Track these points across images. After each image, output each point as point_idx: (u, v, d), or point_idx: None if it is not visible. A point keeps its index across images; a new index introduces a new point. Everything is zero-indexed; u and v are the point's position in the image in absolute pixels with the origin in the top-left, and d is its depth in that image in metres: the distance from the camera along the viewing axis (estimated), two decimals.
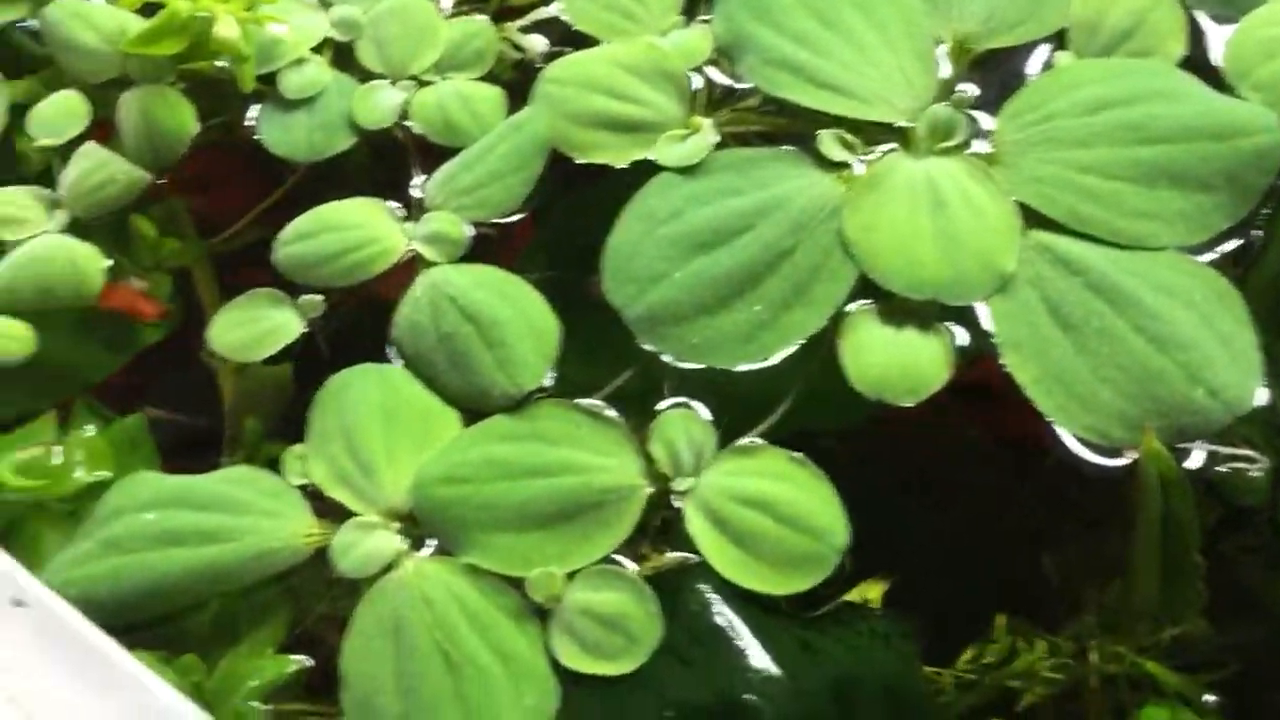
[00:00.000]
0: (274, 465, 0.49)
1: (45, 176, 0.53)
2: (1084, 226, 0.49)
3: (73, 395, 0.50)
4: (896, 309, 0.48)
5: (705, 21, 0.54)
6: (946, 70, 0.53)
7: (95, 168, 0.51)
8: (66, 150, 0.53)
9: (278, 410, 0.52)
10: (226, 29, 0.48)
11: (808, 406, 0.49)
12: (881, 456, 0.51)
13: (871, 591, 0.47)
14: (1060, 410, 0.46)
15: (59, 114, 0.53)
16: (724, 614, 0.44)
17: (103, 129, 0.54)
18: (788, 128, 0.53)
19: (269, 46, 0.53)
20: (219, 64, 0.53)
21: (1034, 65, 0.54)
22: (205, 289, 0.54)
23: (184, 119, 0.52)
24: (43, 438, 0.47)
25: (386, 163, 0.55)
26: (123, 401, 0.52)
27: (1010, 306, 0.48)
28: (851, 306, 0.48)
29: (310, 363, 0.52)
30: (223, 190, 0.56)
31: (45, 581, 0.42)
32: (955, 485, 0.51)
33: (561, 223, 0.53)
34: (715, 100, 0.54)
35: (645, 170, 0.52)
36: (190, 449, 0.52)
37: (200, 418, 0.52)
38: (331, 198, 0.53)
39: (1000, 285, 0.48)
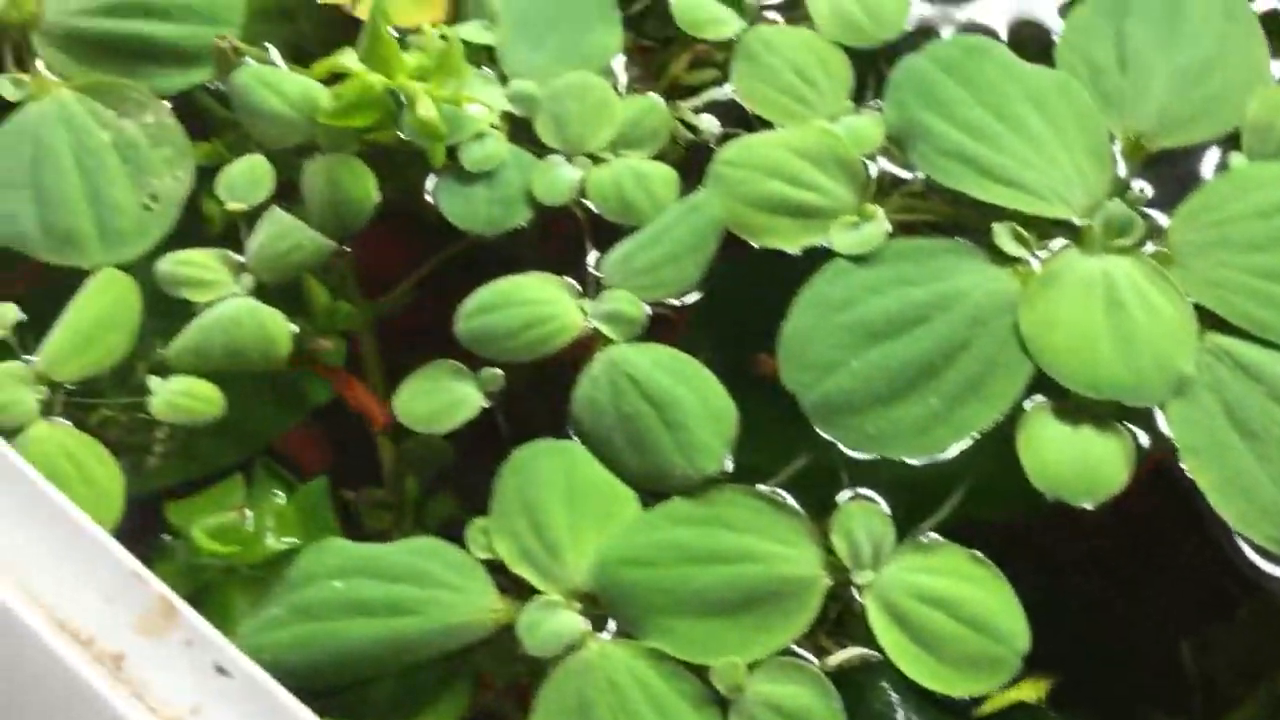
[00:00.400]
0: (443, 530, 0.50)
1: (227, 238, 0.54)
2: (1262, 331, 0.49)
3: (253, 454, 0.52)
4: (1073, 407, 0.49)
5: (875, 108, 0.55)
6: (1120, 168, 0.53)
7: (282, 234, 0.52)
8: (251, 214, 0.54)
9: (436, 472, 0.53)
10: (426, 110, 0.49)
11: (977, 497, 0.49)
12: (1036, 547, 0.51)
13: (1034, 690, 0.48)
14: (1241, 519, 0.46)
15: (246, 179, 0.54)
16: (907, 713, 0.44)
17: (283, 193, 0.55)
18: (957, 217, 0.54)
19: (450, 119, 0.54)
20: (400, 134, 0.54)
21: (1208, 166, 0.54)
22: (369, 352, 0.55)
23: (368, 188, 0.53)
24: (232, 501, 0.48)
25: (542, 233, 0.56)
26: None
27: (1188, 410, 0.48)
28: (1028, 402, 0.49)
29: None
30: (365, 249, 0.57)
31: (239, 646, 0.43)
32: (1105, 576, 0.51)
33: (723, 300, 0.54)
34: (884, 187, 0.54)
35: (810, 250, 0.53)
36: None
37: (347, 478, 0.54)
38: (485, 263, 0.54)
39: (1178, 388, 0.48)
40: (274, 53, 0.58)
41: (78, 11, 0.57)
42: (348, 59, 0.52)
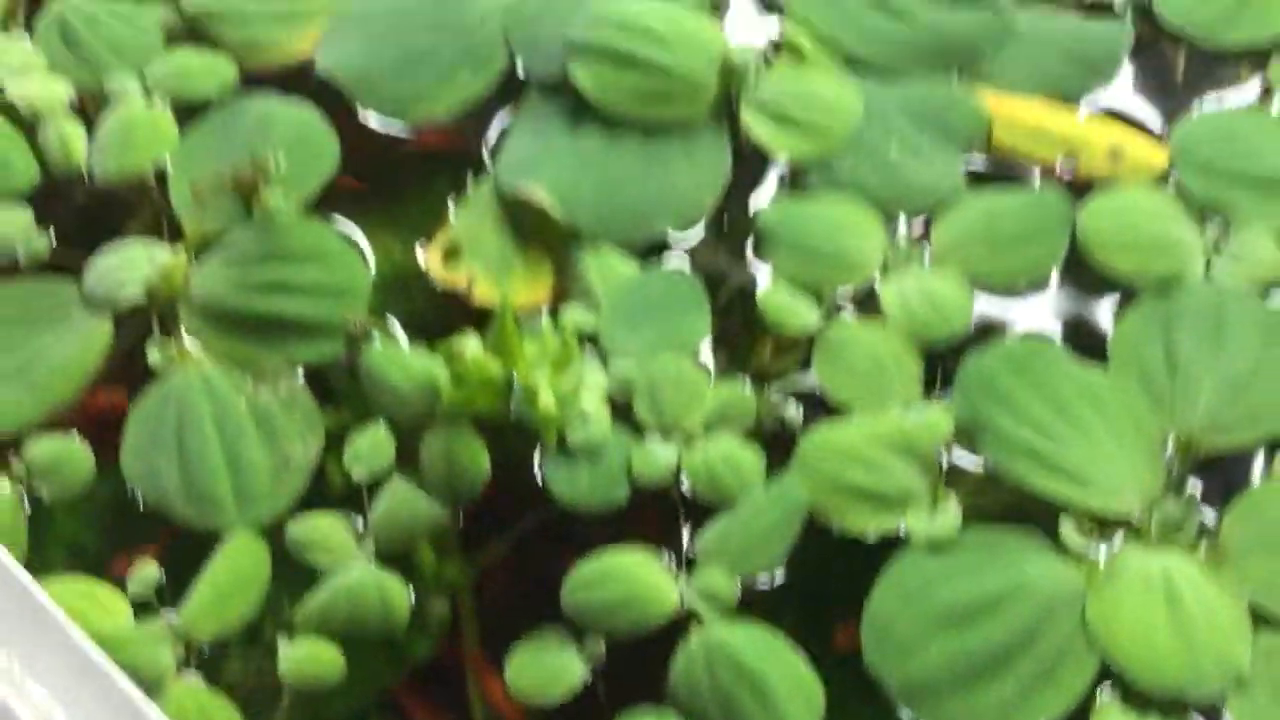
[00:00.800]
0: None
1: (348, 500, 0.59)
2: None
3: (366, 705, 0.55)
4: (1141, 699, 0.52)
5: (943, 398, 0.60)
6: (1173, 467, 0.58)
7: (402, 503, 0.57)
8: (372, 481, 0.59)
9: None
10: (546, 401, 0.55)
11: None
12: None
13: None
14: None
15: (370, 448, 0.59)
16: None
17: (400, 453, 0.60)
18: (1022, 506, 0.58)
19: (561, 401, 0.59)
20: (512, 409, 0.59)
21: (1257, 467, 0.59)
22: (468, 612, 0.59)
23: (481, 463, 0.58)
24: None
25: (635, 499, 0.60)
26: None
27: (1249, 707, 0.51)
28: (1099, 690, 0.53)
29: None
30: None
31: None
32: None
33: (804, 570, 0.58)
34: (954, 475, 0.59)
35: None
36: None
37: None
38: (575, 525, 0.58)
39: (1237, 684, 0.52)
40: (395, 325, 0.63)
41: (222, 287, 0.63)
42: (471, 345, 0.58)
